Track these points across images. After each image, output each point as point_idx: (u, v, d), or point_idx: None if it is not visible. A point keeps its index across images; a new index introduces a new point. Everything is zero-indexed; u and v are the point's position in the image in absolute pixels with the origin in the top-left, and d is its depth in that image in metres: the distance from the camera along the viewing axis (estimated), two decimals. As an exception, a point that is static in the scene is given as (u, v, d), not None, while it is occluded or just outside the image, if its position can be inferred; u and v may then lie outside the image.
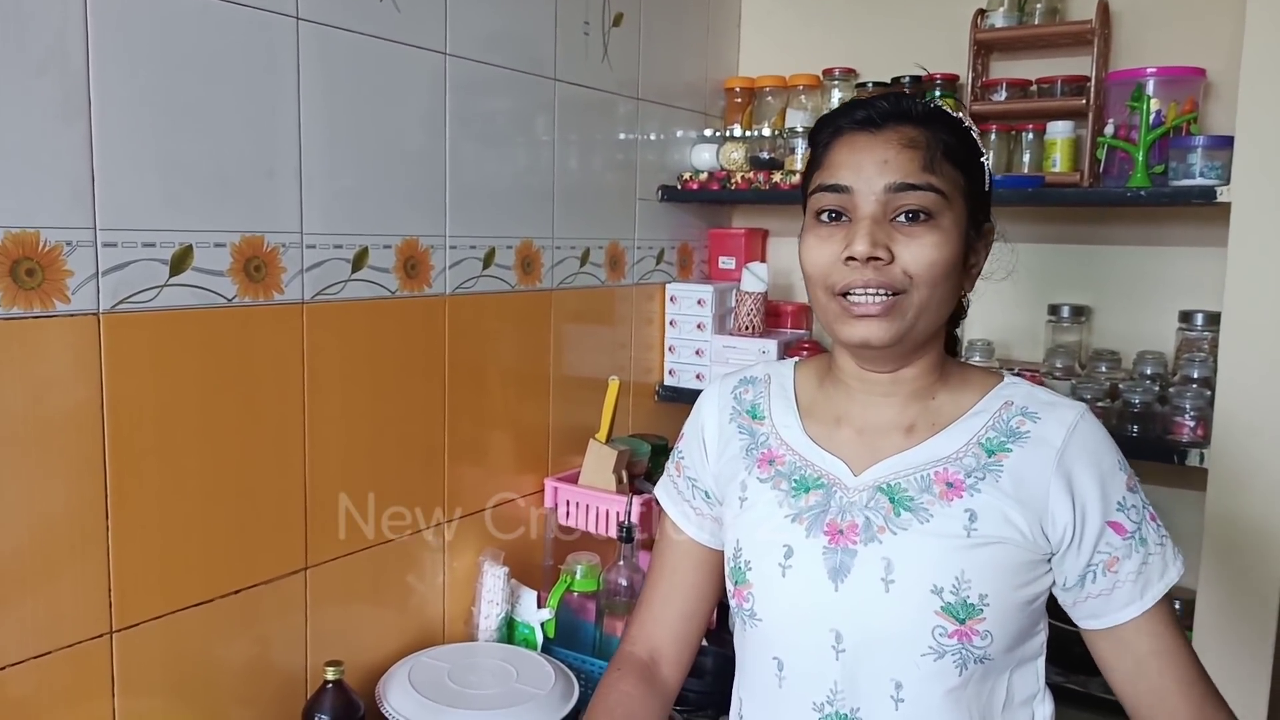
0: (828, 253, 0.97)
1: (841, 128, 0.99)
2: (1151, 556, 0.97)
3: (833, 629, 0.97)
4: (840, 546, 0.97)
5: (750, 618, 1.03)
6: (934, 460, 0.99)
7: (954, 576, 0.93)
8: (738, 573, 1.04)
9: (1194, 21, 1.77)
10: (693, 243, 2.21)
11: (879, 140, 0.96)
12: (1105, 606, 0.97)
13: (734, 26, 2.27)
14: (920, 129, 0.96)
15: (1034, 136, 1.87)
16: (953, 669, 0.94)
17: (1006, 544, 0.94)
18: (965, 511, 0.95)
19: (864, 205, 0.95)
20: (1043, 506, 0.95)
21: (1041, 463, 0.96)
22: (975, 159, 1.00)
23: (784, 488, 1.03)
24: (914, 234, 0.94)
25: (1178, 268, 1.84)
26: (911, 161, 0.94)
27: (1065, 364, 1.82)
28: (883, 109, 0.97)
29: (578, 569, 1.64)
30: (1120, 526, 0.96)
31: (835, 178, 0.97)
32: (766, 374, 1.14)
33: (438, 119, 1.52)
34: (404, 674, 1.43)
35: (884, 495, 0.98)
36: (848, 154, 0.97)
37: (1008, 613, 0.94)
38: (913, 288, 0.94)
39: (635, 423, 2.06)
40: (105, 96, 1.09)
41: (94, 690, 1.14)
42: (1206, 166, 1.59)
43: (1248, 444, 1.54)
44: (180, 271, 1.18)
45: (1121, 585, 0.96)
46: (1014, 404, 1.01)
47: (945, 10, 1.95)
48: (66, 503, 1.10)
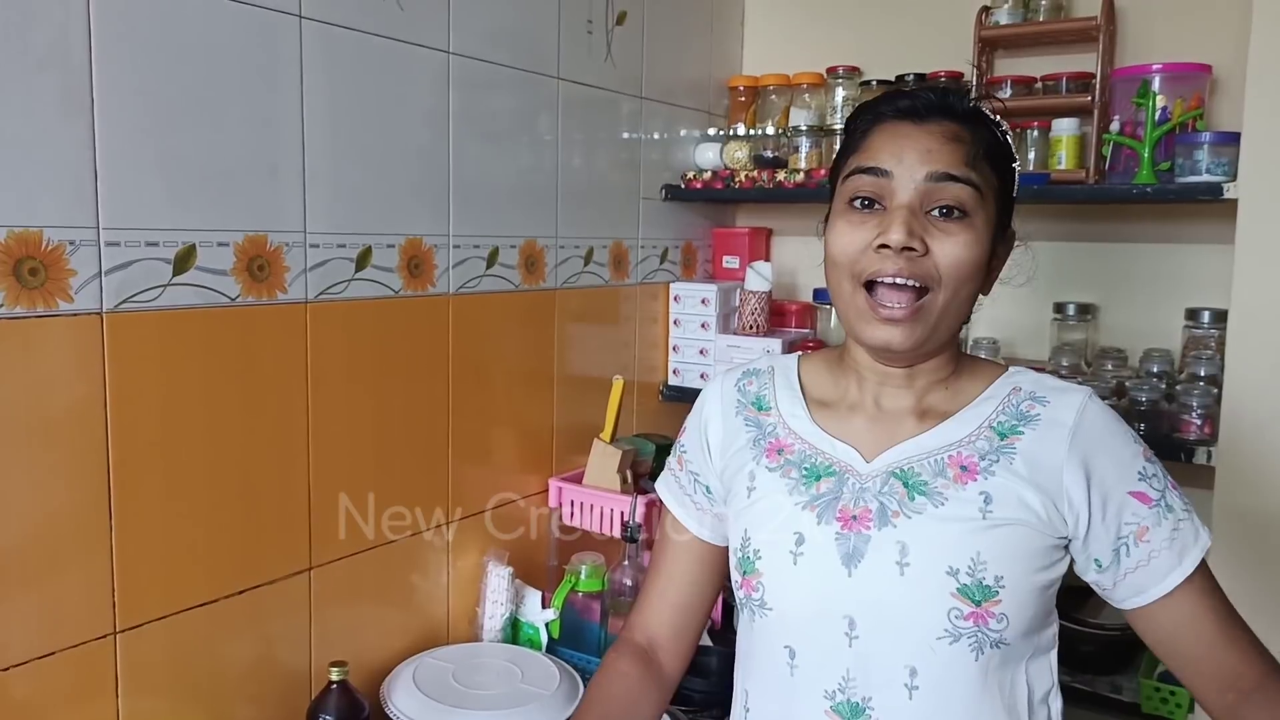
0: (859, 239, 0.96)
1: (884, 114, 0.99)
2: (1182, 523, 0.96)
3: (846, 615, 0.97)
4: (853, 532, 0.97)
5: (760, 607, 1.03)
6: (947, 445, 0.99)
7: (970, 558, 0.93)
8: (746, 562, 1.04)
9: (1200, 17, 1.76)
10: (697, 242, 2.21)
11: (923, 130, 0.96)
12: (1147, 579, 0.96)
13: (737, 25, 2.27)
14: (964, 125, 0.96)
15: (1039, 134, 1.86)
16: (969, 653, 0.93)
17: (1022, 525, 0.95)
18: (980, 494, 0.95)
19: (902, 192, 0.95)
20: (1057, 487, 0.95)
21: (1054, 444, 0.96)
22: (1009, 163, 1.00)
23: (794, 476, 1.03)
24: (948, 230, 0.94)
25: (1184, 265, 1.83)
26: (954, 154, 0.94)
27: (1071, 362, 1.81)
28: (928, 100, 0.97)
29: (582, 569, 1.64)
30: (1144, 495, 0.96)
31: (875, 160, 0.96)
32: (770, 366, 1.15)
33: (441, 117, 1.52)
34: (409, 674, 1.42)
35: (898, 480, 0.98)
36: (890, 140, 0.97)
37: (1023, 596, 0.94)
38: (940, 286, 0.95)
39: (640, 422, 2.05)
40: (108, 94, 1.09)
41: (98, 691, 1.14)
42: (1213, 163, 1.58)
43: (1255, 441, 1.53)
44: (183, 271, 1.18)
45: (1158, 554, 0.95)
46: (1023, 389, 1.01)
47: (950, 7, 1.95)
48: (69, 502, 1.09)
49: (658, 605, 1.17)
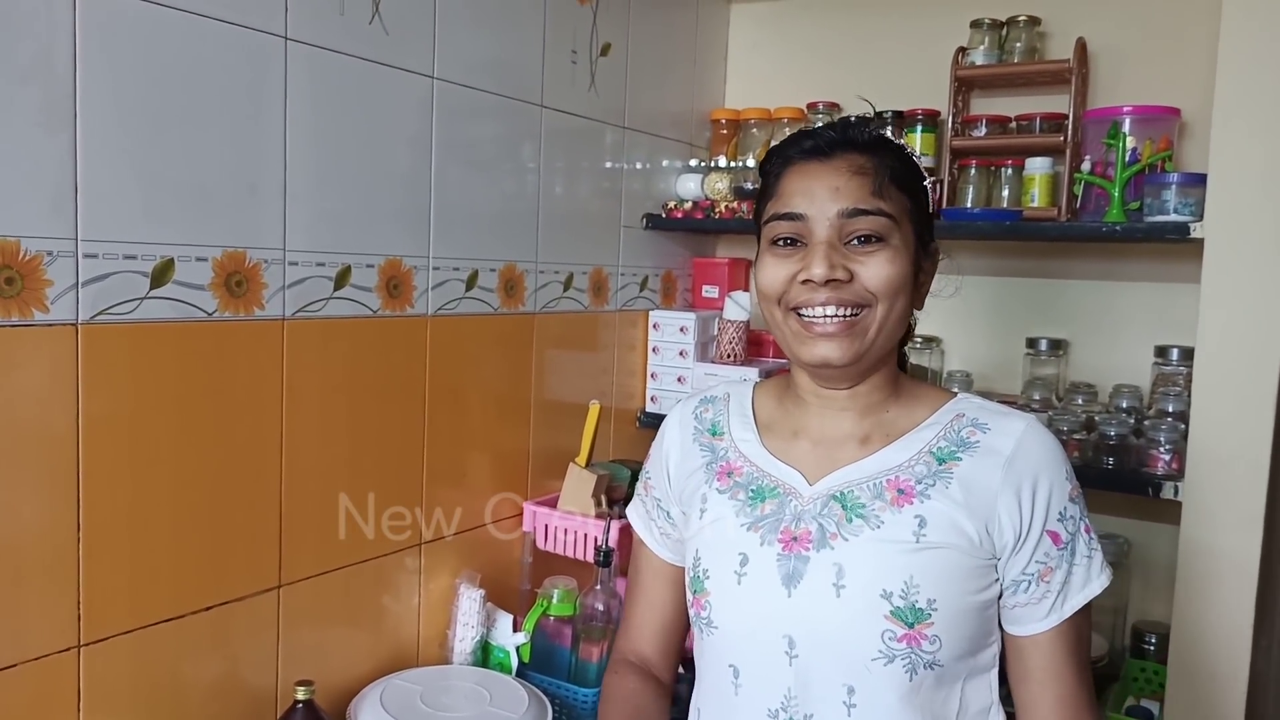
0: (784, 272, 1.00)
1: (791, 157, 1.03)
2: (1075, 568, 0.99)
3: (785, 634, 0.99)
4: (794, 553, 1.00)
5: (707, 625, 1.05)
6: (886, 469, 1.01)
7: (903, 581, 0.95)
8: (696, 582, 1.07)
9: (1169, 62, 1.81)
10: (676, 271, 2.23)
11: (829, 168, 0.99)
12: (1027, 615, 1.00)
13: (720, 59, 2.31)
14: (868, 156, 1.00)
15: (1013, 172, 1.90)
16: (903, 674, 0.95)
17: (954, 549, 0.97)
18: (915, 518, 0.97)
19: (819, 230, 0.98)
20: (990, 512, 0.97)
21: (990, 470, 0.98)
22: (919, 183, 1.04)
23: (741, 498, 1.06)
24: (868, 253, 0.98)
25: (1153, 303, 1.87)
26: (861, 188, 0.98)
27: (1043, 396, 1.84)
28: (830, 138, 1.01)
29: (554, 593, 1.63)
30: (1057, 536, 0.99)
31: (789, 206, 1.00)
32: (726, 394, 1.18)
33: (424, 141, 1.53)
34: (376, 696, 1.41)
35: (837, 503, 1.01)
36: (800, 181, 1.00)
37: (956, 618, 0.96)
38: (875, 303, 0.98)
39: (616, 448, 2.06)
40: (90, 107, 1.10)
41: (59, 705, 1.12)
42: (1181, 203, 1.62)
43: (1221, 477, 1.55)
44: (161, 284, 1.18)
45: (1048, 597, 0.99)
46: (965, 416, 1.04)
47: (927, 47, 1.99)
48: (37, 512, 1.09)
49: (641, 629, 1.21)
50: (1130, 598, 1.89)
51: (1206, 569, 1.56)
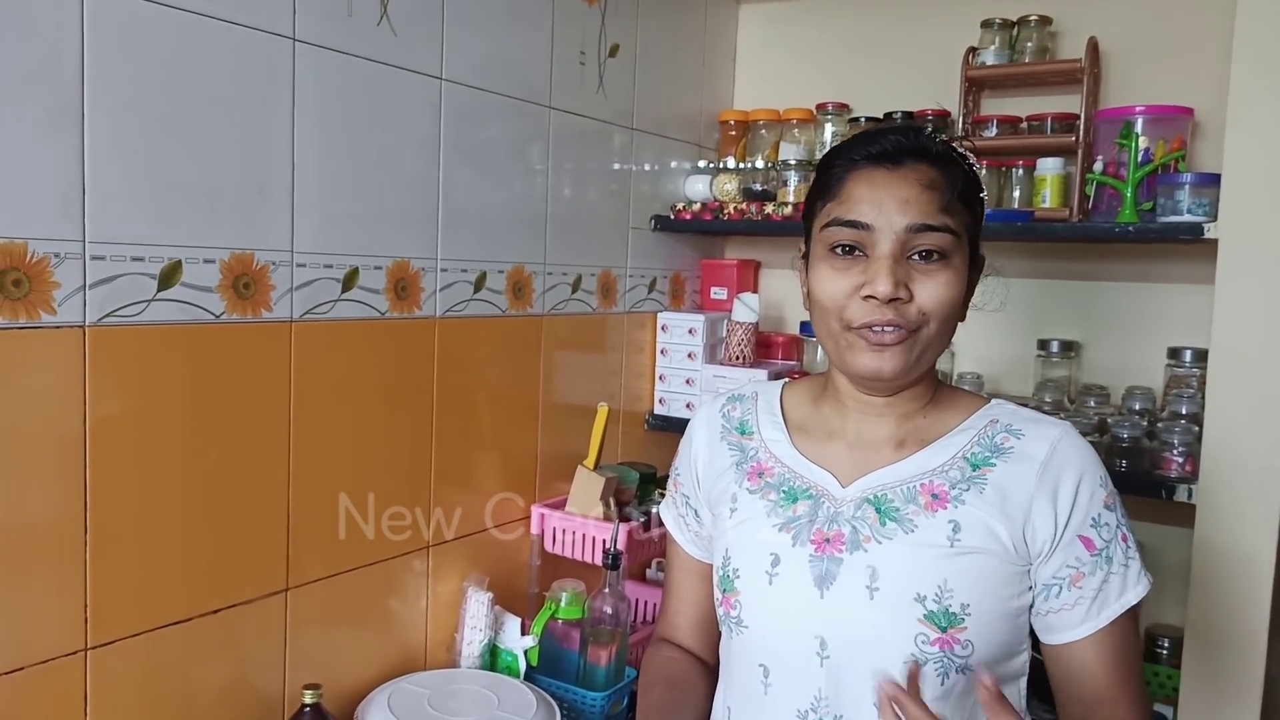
0: (844, 285, 0.97)
1: (858, 160, 0.99)
2: (1112, 576, 0.98)
3: (817, 635, 0.98)
4: (826, 555, 0.99)
5: (737, 625, 1.05)
6: (920, 473, 1.01)
7: (937, 585, 0.95)
8: (726, 581, 1.06)
9: (1182, 61, 1.80)
10: (685, 272, 2.22)
11: (898, 178, 0.96)
12: (1060, 622, 0.99)
13: (729, 60, 2.30)
14: (938, 169, 0.97)
15: (1024, 172, 1.89)
16: (934, 677, 0.95)
17: (988, 554, 0.96)
18: (949, 522, 0.97)
19: (883, 243, 0.96)
20: (1025, 518, 0.97)
21: (1025, 476, 0.98)
22: (979, 197, 1.02)
23: (773, 498, 1.06)
24: (929, 273, 0.96)
25: (1166, 304, 1.85)
26: (931, 203, 0.95)
27: (1055, 398, 1.82)
28: (901, 145, 0.98)
29: (562, 596, 1.63)
30: (1090, 542, 0.98)
31: (855, 214, 0.97)
32: (754, 392, 1.17)
33: (432, 142, 1.53)
34: (383, 699, 1.41)
35: (871, 506, 1.00)
36: (867, 189, 0.97)
37: (989, 623, 0.95)
38: (929, 323, 0.97)
39: (624, 450, 2.05)
40: (98, 109, 1.09)
41: (66, 708, 1.12)
42: (1194, 204, 1.60)
43: (1235, 480, 1.53)
44: (168, 286, 1.18)
45: (1081, 603, 0.98)
46: (999, 422, 1.03)
47: (937, 47, 1.98)
48: (45, 515, 1.09)
49: (677, 622, 1.22)
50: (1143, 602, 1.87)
51: (1221, 572, 1.55)
